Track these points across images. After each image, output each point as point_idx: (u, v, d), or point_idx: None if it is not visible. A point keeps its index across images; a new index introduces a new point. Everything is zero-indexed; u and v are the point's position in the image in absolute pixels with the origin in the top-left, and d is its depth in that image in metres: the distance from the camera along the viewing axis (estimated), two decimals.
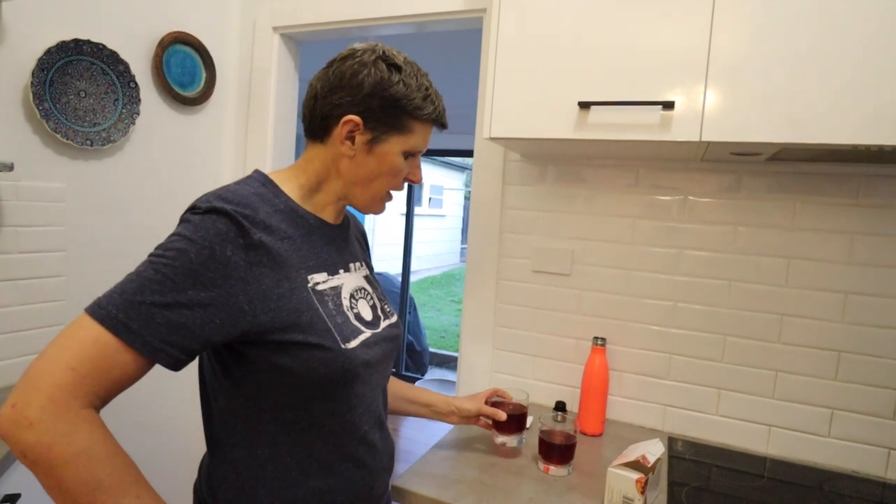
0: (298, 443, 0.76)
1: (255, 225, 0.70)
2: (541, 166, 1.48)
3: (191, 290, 0.64)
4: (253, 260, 0.69)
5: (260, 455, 0.75)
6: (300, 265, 0.75)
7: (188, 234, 0.67)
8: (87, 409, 0.61)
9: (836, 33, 0.92)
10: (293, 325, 0.71)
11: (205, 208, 0.69)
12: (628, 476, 0.92)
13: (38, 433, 0.58)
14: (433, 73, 0.87)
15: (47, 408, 0.58)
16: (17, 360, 1.39)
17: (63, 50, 1.39)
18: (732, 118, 0.99)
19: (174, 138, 1.73)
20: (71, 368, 0.60)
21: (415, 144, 0.82)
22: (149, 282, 0.64)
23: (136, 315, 0.63)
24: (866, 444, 1.20)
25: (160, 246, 0.68)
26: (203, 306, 0.65)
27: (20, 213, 1.36)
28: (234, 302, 0.67)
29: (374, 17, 1.63)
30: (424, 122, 0.82)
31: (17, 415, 0.58)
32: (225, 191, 0.73)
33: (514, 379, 1.54)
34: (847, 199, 1.20)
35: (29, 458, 0.59)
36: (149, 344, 0.63)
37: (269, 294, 0.70)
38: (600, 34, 1.08)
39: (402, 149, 0.81)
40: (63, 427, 0.59)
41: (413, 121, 0.80)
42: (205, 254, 0.65)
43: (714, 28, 1.00)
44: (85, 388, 0.61)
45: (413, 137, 0.81)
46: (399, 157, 0.81)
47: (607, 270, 1.42)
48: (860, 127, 0.91)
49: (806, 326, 1.24)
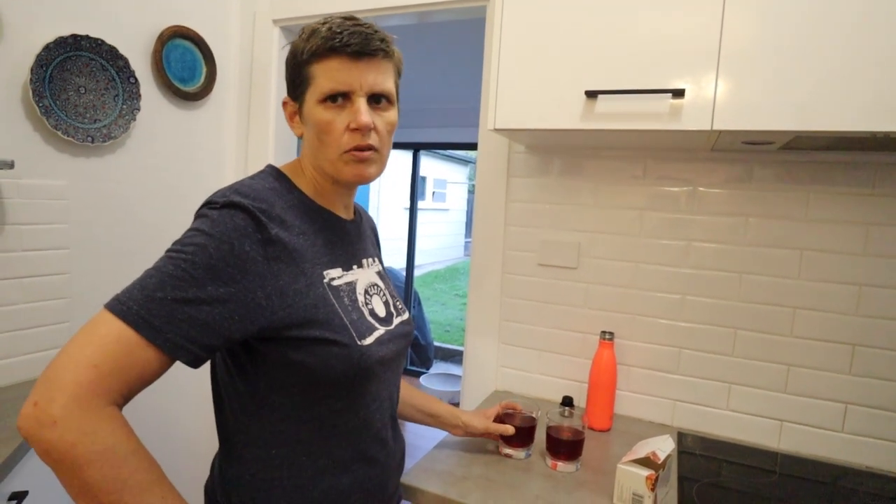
0: (313, 442, 0.75)
1: (271, 220, 0.69)
2: (546, 158, 1.46)
3: (210, 285, 0.63)
4: (270, 255, 0.68)
5: (274, 455, 0.74)
6: (316, 260, 0.74)
7: (206, 228, 0.66)
8: (110, 407, 0.60)
9: (849, 20, 0.90)
10: (310, 321, 0.71)
11: (222, 202, 0.68)
12: (638, 473, 0.90)
13: (62, 432, 0.57)
14: (435, 66, 0.85)
15: (70, 406, 0.57)
16: (22, 358, 1.38)
17: (61, 46, 1.37)
18: (744, 106, 0.97)
19: (175, 134, 1.71)
20: (93, 366, 0.59)
21: (321, 86, 0.75)
22: (169, 277, 0.63)
23: (158, 311, 0.61)
24: (881, 439, 1.18)
25: (178, 241, 0.66)
26: (222, 302, 0.64)
27: (22, 211, 1.36)
28: (253, 298, 0.66)
29: (376, 7, 1.61)
30: (319, 59, 0.74)
31: (40, 413, 0.57)
32: (241, 185, 0.72)
33: (521, 374, 1.52)
34: (862, 188, 1.17)
35: (52, 457, 0.57)
36: (170, 341, 0.62)
37: (286, 290, 0.69)
38: (607, 21, 1.06)
39: (315, 99, 0.76)
40: (87, 426, 0.58)
41: (309, 67, 0.75)
42: (224, 249, 0.64)
43: (725, 14, 0.97)
44: (107, 386, 0.60)
45: (317, 81, 0.75)
46: (317, 108, 0.75)
47: (614, 263, 1.40)
48: (875, 113, 0.89)
49: (819, 319, 1.22)
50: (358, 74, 0.74)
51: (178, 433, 1.81)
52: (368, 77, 0.75)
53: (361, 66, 0.74)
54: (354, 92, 0.75)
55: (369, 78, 0.75)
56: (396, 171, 9.34)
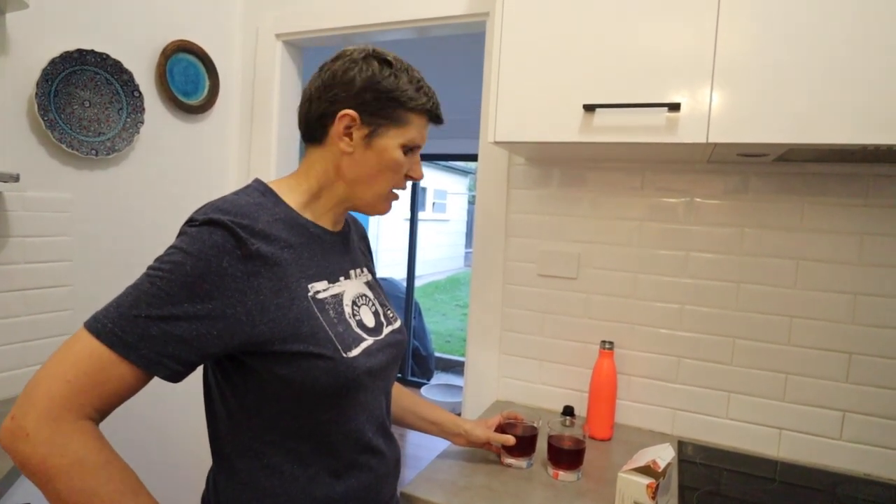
0: (304, 452, 0.76)
1: (253, 235, 0.70)
2: (545, 170, 1.47)
3: (186, 302, 0.65)
4: (251, 271, 0.68)
5: (266, 465, 0.75)
6: (300, 274, 0.75)
7: (185, 246, 0.67)
8: (82, 421, 0.62)
9: (842, 34, 0.92)
10: (293, 336, 0.71)
11: (201, 220, 0.69)
12: (639, 481, 0.91)
13: (34, 444, 0.60)
14: (435, 79, 0.87)
15: (42, 420, 0.60)
16: (26, 371, 1.39)
17: (67, 60, 1.39)
18: (739, 119, 0.98)
19: (179, 147, 1.73)
20: (66, 381, 0.61)
21: (412, 137, 0.80)
22: (145, 295, 0.64)
23: (131, 328, 0.63)
24: (879, 446, 1.19)
25: (158, 259, 0.68)
26: (199, 318, 0.65)
27: (26, 224, 1.37)
28: (232, 313, 0.67)
29: (377, 22, 1.63)
30: (419, 113, 0.80)
31: (15, 427, 0.60)
32: (223, 202, 0.72)
33: (522, 384, 1.53)
34: (856, 199, 1.19)
35: (27, 469, 0.60)
36: (145, 357, 0.63)
37: (267, 305, 0.69)
38: (604, 36, 1.08)
39: (400, 142, 0.79)
40: (57, 438, 0.60)
41: (408, 112, 0.79)
42: (201, 266, 0.65)
43: (720, 29, 0.99)
44: (80, 401, 0.62)
45: (410, 129, 0.80)
46: (398, 150, 0.80)
47: (614, 273, 1.41)
48: (868, 126, 0.91)
49: (816, 328, 1.23)
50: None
51: (179, 447, 1.80)
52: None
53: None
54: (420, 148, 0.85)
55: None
56: None
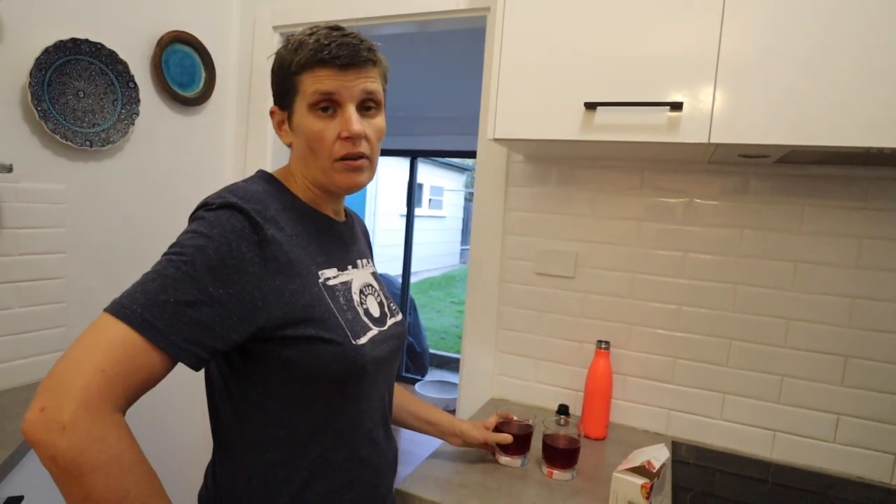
0: (306, 444, 0.75)
1: (266, 221, 0.69)
2: (544, 168, 1.47)
3: (211, 287, 0.64)
4: (267, 256, 0.68)
5: (269, 458, 0.74)
6: (310, 261, 0.75)
7: (204, 230, 0.66)
8: (116, 414, 0.60)
9: (844, 35, 0.91)
10: (306, 320, 0.71)
11: (218, 203, 0.68)
12: (633, 481, 0.91)
13: (71, 438, 0.55)
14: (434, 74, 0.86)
15: (80, 412, 0.56)
16: (18, 363, 1.37)
17: (61, 49, 1.37)
18: (741, 120, 0.98)
19: (174, 139, 1.71)
20: (101, 371, 0.58)
21: (311, 95, 0.75)
22: (171, 280, 0.63)
23: (162, 314, 0.61)
24: (872, 449, 1.19)
25: (176, 244, 0.66)
26: (221, 303, 0.64)
27: (19, 215, 1.35)
28: (250, 298, 0.66)
29: (375, 15, 1.62)
30: (308, 68, 0.75)
31: (48, 419, 0.56)
32: (235, 188, 0.72)
33: (517, 382, 1.53)
34: (855, 202, 1.19)
35: (58, 464, 0.56)
36: (174, 343, 0.62)
37: (282, 290, 0.69)
38: (607, 34, 1.07)
39: (304, 108, 0.76)
40: (96, 432, 0.57)
41: (297, 76, 0.75)
42: (223, 250, 0.65)
43: (724, 29, 0.99)
44: (114, 391, 0.59)
45: (306, 90, 0.75)
46: (308, 117, 0.76)
47: (611, 273, 1.41)
48: (870, 129, 0.90)
49: (812, 331, 1.23)
50: (347, 83, 0.75)
51: (170, 442, 1.79)
52: (357, 85, 0.76)
53: (350, 76, 0.75)
54: (344, 101, 0.75)
55: (358, 85, 0.76)
56: (393, 179, 9.35)
